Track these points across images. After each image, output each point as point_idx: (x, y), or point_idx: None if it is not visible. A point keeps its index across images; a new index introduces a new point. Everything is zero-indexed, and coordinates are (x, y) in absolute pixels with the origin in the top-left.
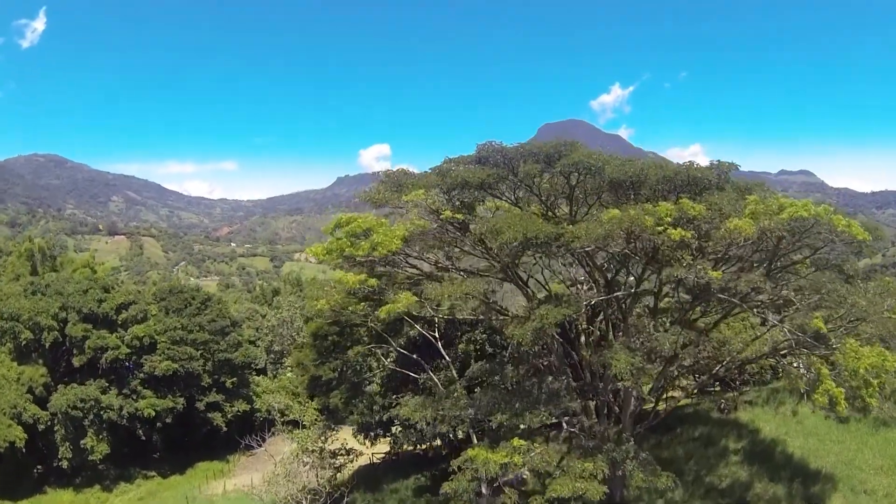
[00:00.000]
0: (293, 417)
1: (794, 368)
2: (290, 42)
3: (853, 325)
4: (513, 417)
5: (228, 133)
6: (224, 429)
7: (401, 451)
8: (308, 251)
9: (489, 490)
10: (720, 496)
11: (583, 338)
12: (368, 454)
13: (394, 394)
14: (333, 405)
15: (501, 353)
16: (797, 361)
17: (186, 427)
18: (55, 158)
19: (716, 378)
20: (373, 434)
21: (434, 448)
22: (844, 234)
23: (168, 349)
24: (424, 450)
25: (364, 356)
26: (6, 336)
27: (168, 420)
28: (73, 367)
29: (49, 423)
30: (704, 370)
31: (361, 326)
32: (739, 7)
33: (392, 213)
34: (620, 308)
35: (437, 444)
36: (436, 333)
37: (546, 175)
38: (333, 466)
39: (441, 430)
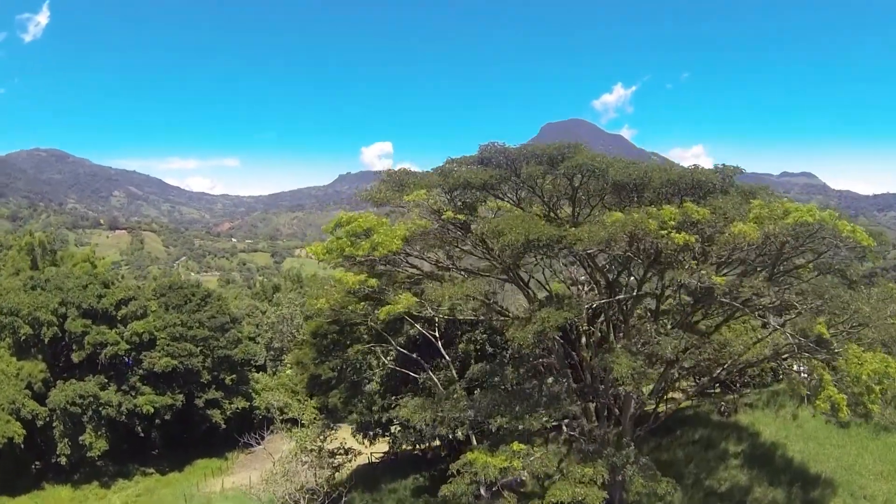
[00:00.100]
0: (292, 416)
1: (796, 372)
2: (293, 40)
3: (855, 331)
4: (513, 420)
5: (231, 130)
6: (223, 426)
7: (399, 451)
8: (308, 250)
9: (488, 493)
10: (720, 500)
11: (583, 339)
12: (367, 454)
13: (393, 394)
14: (332, 404)
15: (502, 354)
16: (798, 364)
17: (185, 424)
18: (57, 153)
19: (716, 380)
20: (371, 433)
21: (433, 448)
22: (849, 240)
23: (167, 345)
24: (423, 450)
25: (364, 354)
26: (5, 331)
27: (167, 417)
28: (73, 363)
29: (48, 419)
30: (705, 372)
31: (361, 325)
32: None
33: (393, 212)
34: (622, 310)
35: (437, 445)
36: (436, 333)
37: (549, 176)
38: (332, 466)
39: (440, 433)
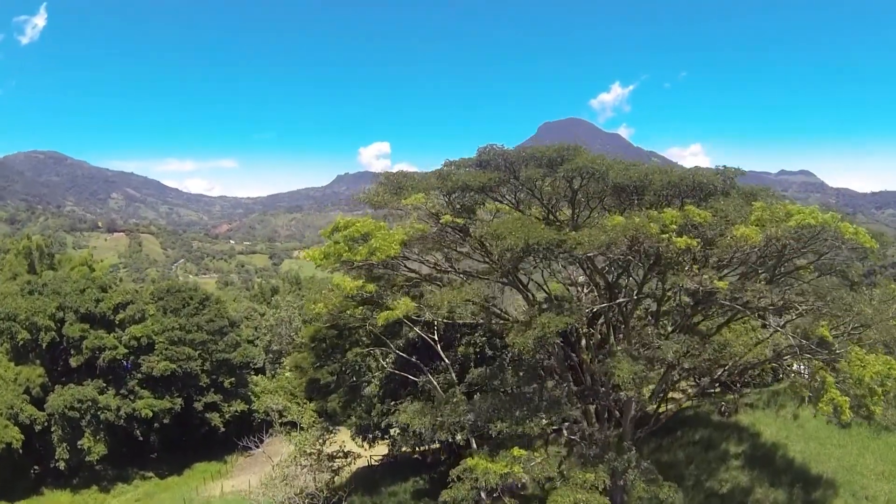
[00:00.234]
0: (291, 419)
1: (796, 372)
2: (291, 40)
3: (857, 332)
4: (513, 425)
5: (228, 131)
6: (222, 429)
7: (399, 454)
8: (304, 255)
9: (489, 498)
10: (721, 502)
11: (583, 341)
12: (367, 457)
13: (392, 398)
14: (331, 409)
15: (501, 357)
16: (798, 364)
17: (184, 427)
18: (55, 155)
19: (717, 381)
20: (371, 436)
21: (433, 451)
22: (852, 242)
23: (166, 349)
24: (423, 453)
25: (363, 357)
26: (3, 336)
27: (166, 420)
28: (71, 368)
29: (46, 424)
30: (705, 373)
31: (360, 328)
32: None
33: (391, 215)
34: (621, 311)
35: (437, 448)
36: (435, 336)
37: (548, 179)
38: (331, 469)
39: (440, 437)
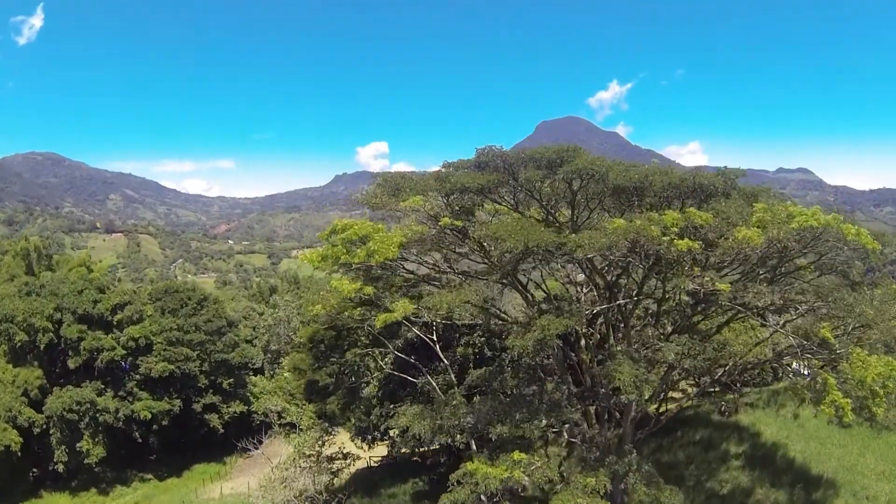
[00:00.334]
0: (290, 420)
1: (797, 373)
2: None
3: (857, 332)
4: (513, 428)
5: (226, 131)
6: (221, 430)
7: (399, 455)
8: (302, 258)
9: (489, 501)
10: (721, 503)
11: (582, 341)
12: (366, 458)
13: (391, 400)
14: (330, 411)
15: (500, 357)
16: (798, 363)
17: (183, 429)
18: (53, 157)
19: (717, 381)
20: (370, 437)
21: (433, 453)
22: (854, 243)
23: (164, 350)
24: (423, 454)
25: (361, 357)
26: (1, 338)
27: (164, 422)
28: (69, 369)
29: (44, 426)
30: (705, 372)
31: (358, 329)
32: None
33: (389, 217)
34: (621, 311)
35: (436, 449)
36: (433, 336)
37: (547, 180)
38: (330, 471)
39: (440, 441)
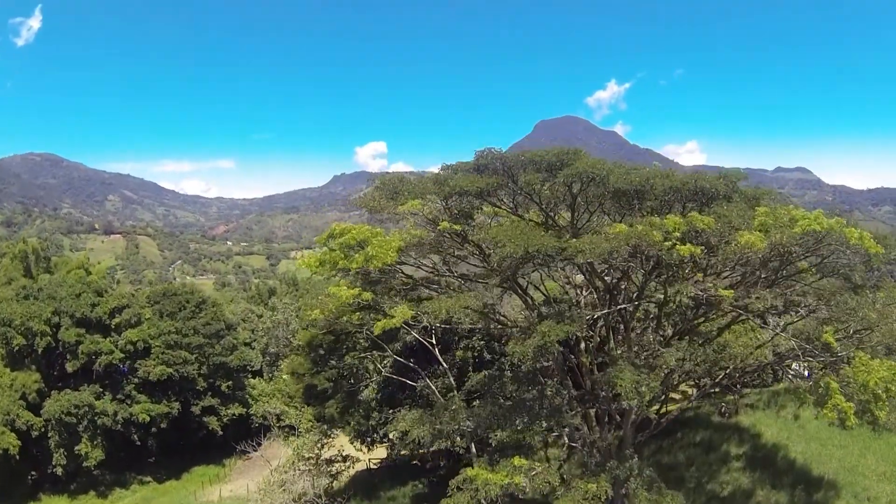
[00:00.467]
0: (289, 422)
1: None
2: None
3: (859, 335)
4: (513, 434)
5: (225, 131)
6: (220, 433)
7: (398, 458)
8: (299, 263)
9: None
10: None
11: (582, 344)
12: (365, 460)
13: (390, 404)
14: (329, 414)
15: (500, 361)
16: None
17: (182, 431)
18: (51, 158)
19: (717, 384)
20: (369, 440)
21: (433, 456)
22: (857, 247)
23: (162, 353)
24: (422, 457)
25: (360, 360)
26: None
27: (163, 425)
28: (67, 373)
29: (43, 430)
30: (706, 374)
31: (357, 333)
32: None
33: (387, 220)
34: (621, 315)
35: (436, 451)
36: (433, 339)
37: (547, 183)
38: (329, 474)
39: (440, 446)
